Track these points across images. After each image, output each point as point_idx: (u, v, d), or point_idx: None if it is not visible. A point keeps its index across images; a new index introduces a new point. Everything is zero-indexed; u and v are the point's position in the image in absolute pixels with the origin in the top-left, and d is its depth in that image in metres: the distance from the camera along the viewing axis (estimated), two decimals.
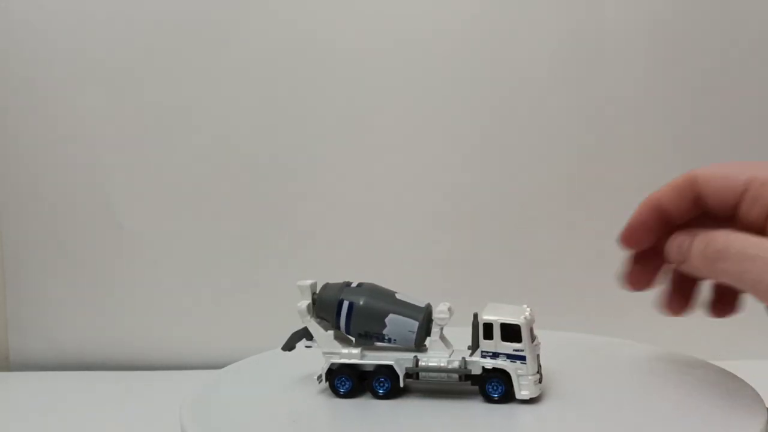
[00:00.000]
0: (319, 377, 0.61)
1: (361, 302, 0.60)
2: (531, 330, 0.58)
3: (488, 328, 0.58)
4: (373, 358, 0.60)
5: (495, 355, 0.57)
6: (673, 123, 0.99)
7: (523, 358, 0.57)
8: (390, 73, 1.01)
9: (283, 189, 1.04)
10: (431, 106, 1.01)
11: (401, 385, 0.59)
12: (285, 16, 1.02)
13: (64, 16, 1.03)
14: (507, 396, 0.57)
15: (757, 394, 0.58)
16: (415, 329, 0.59)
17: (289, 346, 0.64)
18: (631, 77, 0.99)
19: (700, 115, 0.99)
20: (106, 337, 1.06)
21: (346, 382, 0.60)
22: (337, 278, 1.02)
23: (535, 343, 0.58)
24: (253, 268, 1.04)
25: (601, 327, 0.93)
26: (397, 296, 0.61)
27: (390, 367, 0.59)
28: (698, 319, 1.00)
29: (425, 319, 0.59)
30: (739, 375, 0.63)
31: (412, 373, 0.59)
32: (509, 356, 0.57)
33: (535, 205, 1.01)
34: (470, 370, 0.58)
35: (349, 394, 0.60)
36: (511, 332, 0.57)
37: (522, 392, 0.57)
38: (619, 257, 1.02)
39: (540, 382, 0.58)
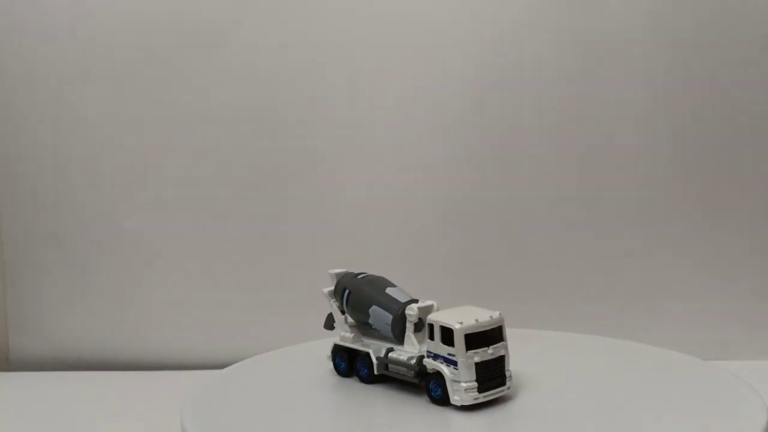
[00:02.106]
0: (329, 356, 0.66)
1: (354, 291, 0.64)
2: (480, 336, 0.56)
3: (431, 328, 0.58)
4: (360, 344, 0.64)
5: (436, 357, 0.57)
6: (674, 123, 0.99)
7: (455, 364, 0.56)
8: (390, 73, 1.01)
9: (284, 189, 1.04)
10: (432, 106, 1.01)
11: (375, 372, 0.62)
12: (285, 16, 1.02)
13: (64, 16, 1.03)
14: (444, 399, 0.57)
15: (758, 394, 0.58)
16: (390, 322, 0.61)
17: (328, 325, 0.67)
18: (633, 77, 0.99)
19: (700, 115, 0.99)
20: (106, 337, 1.06)
21: (341, 362, 0.65)
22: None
23: (478, 350, 0.56)
24: (253, 269, 1.04)
25: (600, 327, 0.93)
26: (387, 290, 0.63)
27: (368, 355, 0.62)
28: (698, 319, 1.00)
29: (402, 314, 0.60)
30: (739, 375, 0.63)
31: (384, 363, 0.61)
32: (445, 359, 0.57)
33: (536, 205, 1.01)
34: (418, 368, 0.59)
35: (346, 374, 0.65)
36: (447, 335, 0.56)
37: (454, 397, 0.56)
38: (619, 257, 1.02)
39: (483, 391, 0.56)
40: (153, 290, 1.05)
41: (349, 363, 0.64)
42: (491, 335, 0.57)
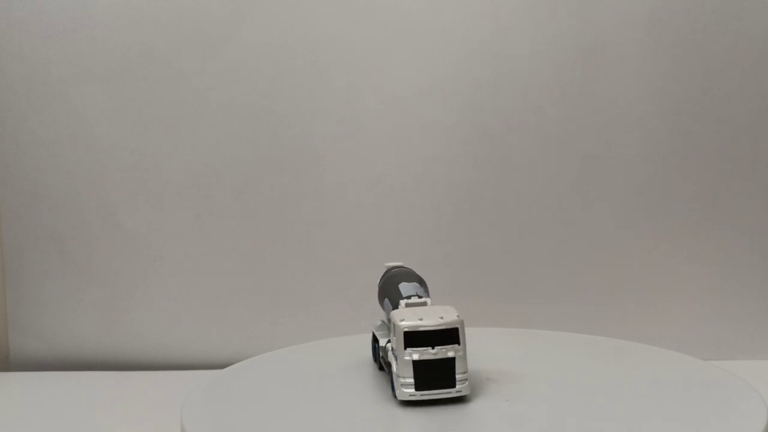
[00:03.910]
0: None
1: (380, 284, 0.66)
2: (423, 336, 0.56)
3: (389, 322, 0.59)
4: (380, 333, 0.66)
5: (393, 351, 0.59)
6: (674, 123, 0.99)
7: (396, 359, 0.57)
8: (390, 73, 1.01)
9: (283, 188, 1.04)
10: (431, 106, 1.01)
11: (380, 360, 0.64)
12: (285, 16, 1.02)
13: (64, 16, 1.03)
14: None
15: (758, 394, 0.58)
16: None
17: None
18: (632, 75, 0.99)
19: (700, 115, 0.99)
20: (106, 337, 1.06)
21: (373, 348, 0.69)
22: (338, 277, 1.02)
23: (419, 349, 0.56)
24: (254, 269, 1.04)
25: (600, 327, 0.93)
26: (401, 284, 0.63)
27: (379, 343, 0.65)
28: (698, 319, 1.00)
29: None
30: (739, 375, 0.63)
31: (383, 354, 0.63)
32: (394, 355, 0.58)
33: (536, 205, 1.02)
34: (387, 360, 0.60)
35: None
36: (396, 331, 0.57)
37: (396, 391, 0.58)
38: (619, 257, 1.02)
39: (422, 389, 0.56)
40: (153, 290, 1.05)
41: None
42: (440, 336, 0.57)
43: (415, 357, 0.56)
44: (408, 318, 0.57)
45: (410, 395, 0.57)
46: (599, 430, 0.54)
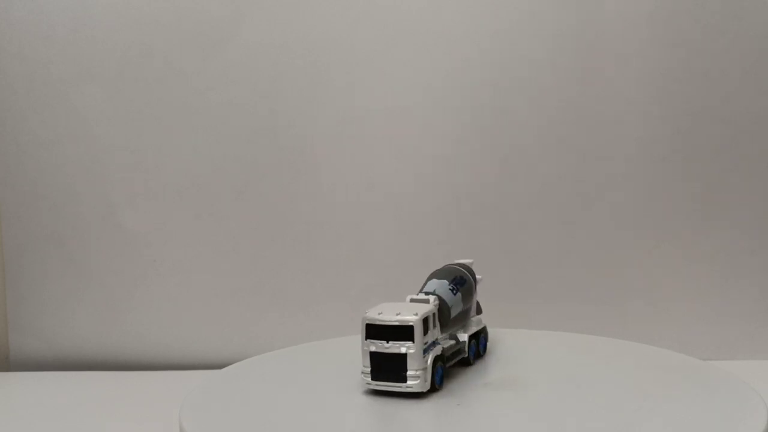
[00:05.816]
0: None
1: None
2: (380, 329, 0.59)
3: None
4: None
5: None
6: (674, 123, 0.99)
7: None
8: (391, 73, 1.01)
9: (283, 189, 1.04)
10: (432, 106, 1.01)
11: None
12: (285, 16, 1.02)
13: (64, 16, 1.03)
14: None
15: (757, 394, 0.58)
16: None
17: None
18: (632, 76, 0.99)
19: (700, 115, 0.99)
20: (106, 337, 1.06)
21: None
22: (338, 277, 1.02)
23: (376, 341, 0.59)
24: (253, 269, 1.05)
25: (600, 327, 0.93)
26: (430, 281, 0.66)
27: None
28: (698, 319, 1.00)
29: None
30: (739, 375, 0.63)
31: None
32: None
33: (536, 205, 1.02)
34: None
35: None
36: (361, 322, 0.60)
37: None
38: (619, 257, 1.02)
39: (376, 380, 0.59)
40: (153, 290, 1.05)
41: None
42: (396, 332, 0.59)
43: (372, 348, 0.59)
44: (372, 311, 0.60)
45: (366, 384, 0.60)
46: (599, 430, 0.54)
